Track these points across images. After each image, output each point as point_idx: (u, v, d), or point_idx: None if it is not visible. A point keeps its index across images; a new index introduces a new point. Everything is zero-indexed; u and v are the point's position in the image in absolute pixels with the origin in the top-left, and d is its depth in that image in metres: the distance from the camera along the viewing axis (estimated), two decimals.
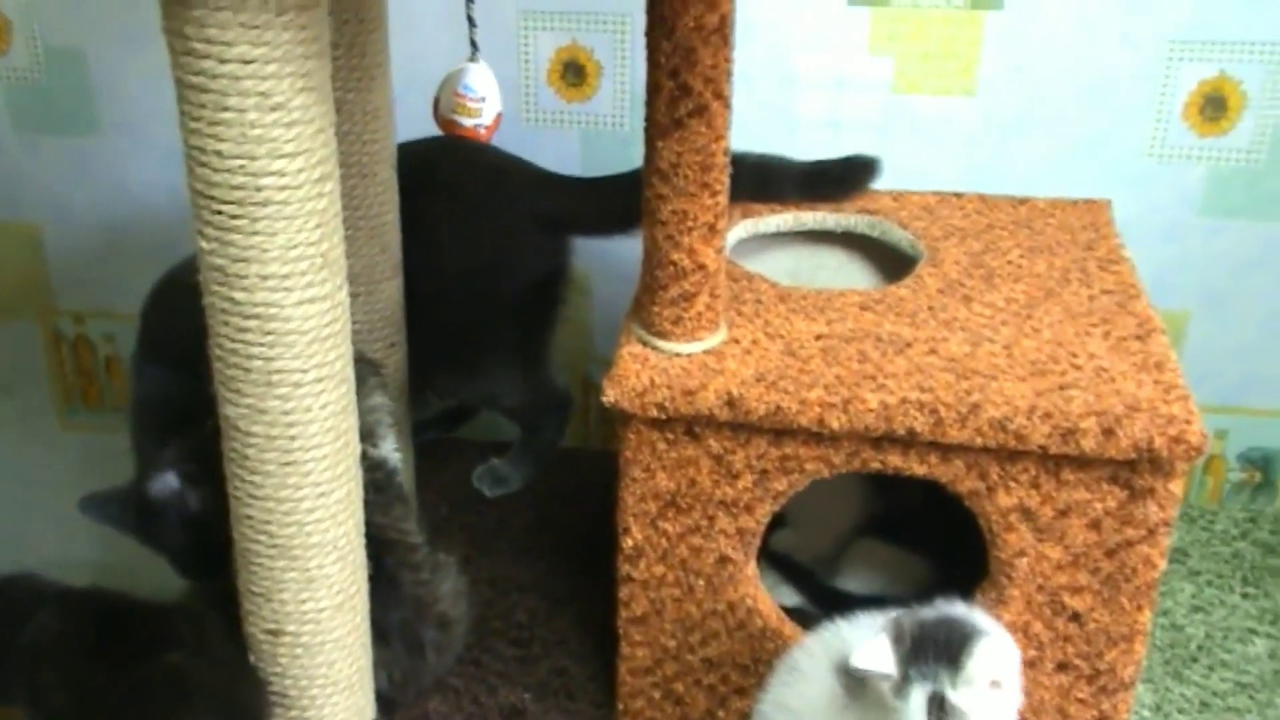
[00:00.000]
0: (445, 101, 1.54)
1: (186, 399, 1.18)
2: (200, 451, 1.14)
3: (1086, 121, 1.68)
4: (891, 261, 1.43)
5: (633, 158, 1.75)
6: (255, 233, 0.94)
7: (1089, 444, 1.07)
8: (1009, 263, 1.34)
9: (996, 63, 1.67)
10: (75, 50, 1.81)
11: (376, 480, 1.16)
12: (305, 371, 1.00)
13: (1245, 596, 1.55)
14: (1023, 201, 1.48)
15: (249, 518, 1.04)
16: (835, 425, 1.11)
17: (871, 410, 1.10)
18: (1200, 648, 1.46)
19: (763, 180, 1.45)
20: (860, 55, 1.71)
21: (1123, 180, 1.69)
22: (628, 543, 1.21)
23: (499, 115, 1.57)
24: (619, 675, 1.28)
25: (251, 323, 0.97)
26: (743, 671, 1.25)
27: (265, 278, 0.95)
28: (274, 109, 0.91)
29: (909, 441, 1.12)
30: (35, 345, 2.04)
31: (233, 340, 0.98)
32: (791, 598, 1.33)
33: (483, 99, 1.52)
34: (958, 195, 1.50)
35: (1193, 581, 1.57)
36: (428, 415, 1.63)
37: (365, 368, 1.20)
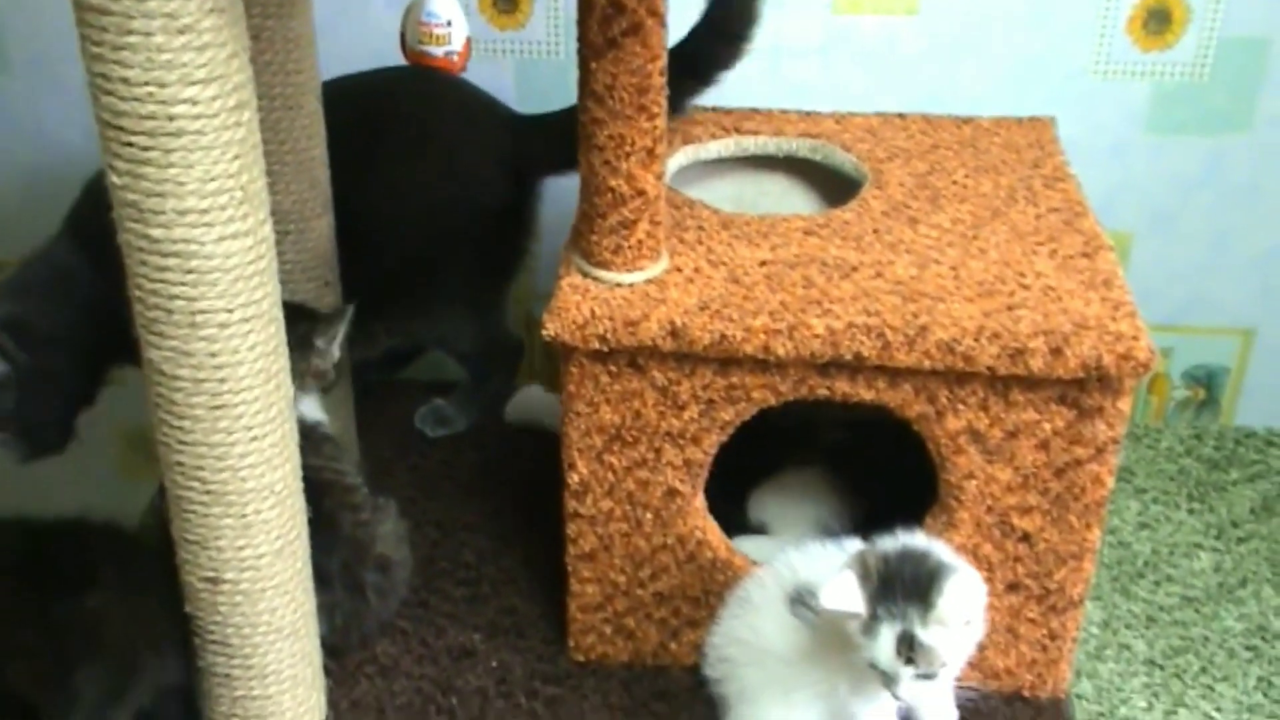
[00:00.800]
0: (411, 34, 1.48)
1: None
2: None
3: (1030, 39, 1.66)
4: (835, 186, 1.40)
5: (571, 87, 1.72)
6: (170, 165, 0.90)
7: (1037, 364, 1.06)
8: (954, 183, 1.32)
9: None
10: None
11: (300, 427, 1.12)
12: (231, 311, 0.96)
13: (1191, 512, 1.56)
14: (967, 121, 1.45)
15: (179, 464, 1.01)
16: (781, 352, 1.09)
17: (817, 336, 1.08)
18: (1147, 564, 1.47)
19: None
20: None
21: (1067, 98, 1.67)
22: (573, 478, 1.19)
23: (469, 40, 1.52)
24: (569, 612, 1.27)
25: (171, 261, 0.93)
26: (694, 604, 1.24)
27: (183, 213, 0.91)
28: (182, 31, 0.86)
29: (856, 367, 1.10)
30: None
31: (152, 280, 0.94)
32: None
33: (448, 23, 1.47)
34: (901, 116, 1.47)
35: (1139, 499, 1.58)
36: (373, 354, 1.60)
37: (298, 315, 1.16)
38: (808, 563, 1.06)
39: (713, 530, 1.22)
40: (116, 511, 1.20)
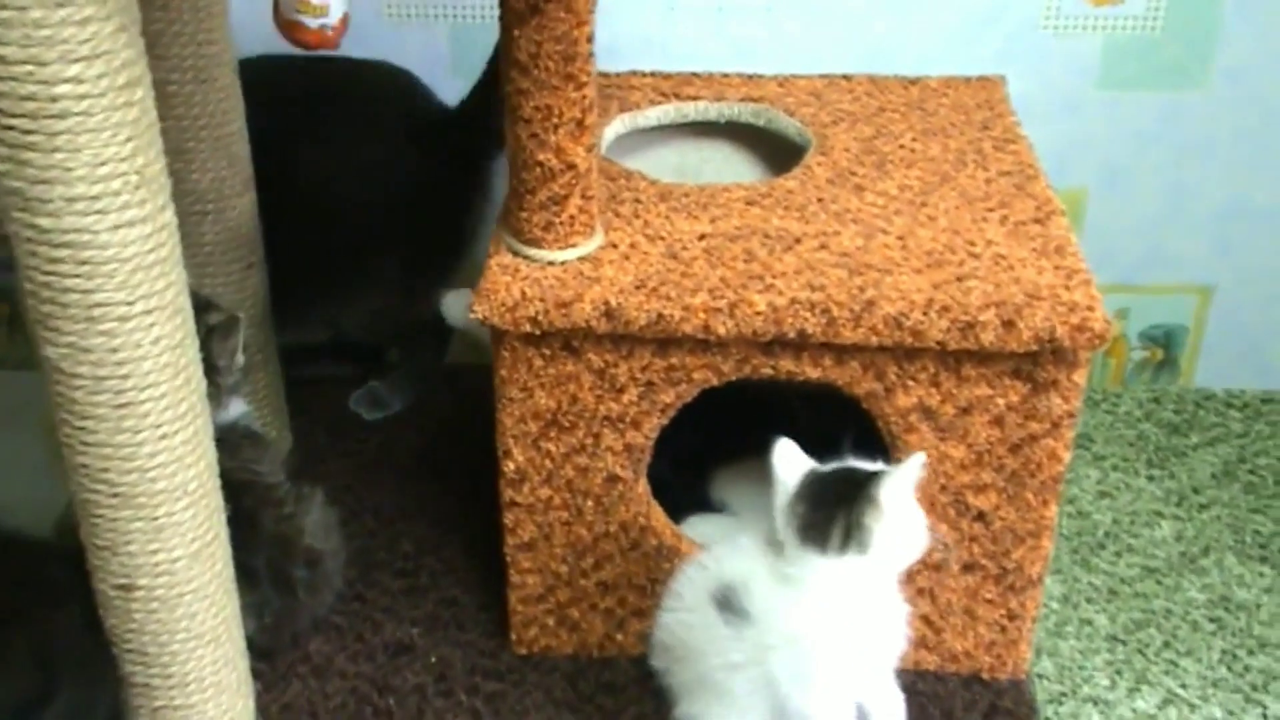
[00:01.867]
0: (285, 1, 1.41)
1: None
2: None
3: None
4: (780, 152, 1.35)
5: None
6: (55, 149, 0.83)
7: (989, 337, 1.02)
8: (901, 147, 1.27)
9: None
10: None
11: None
12: (131, 304, 0.89)
13: (1151, 479, 1.52)
14: (914, 81, 1.40)
15: (84, 466, 0.95)
16: (721, 331, 1.04)
17: (759, 313, 1.03)
18: (1107, 534, 1.43)
19: None
20: None
21: (1017, 54, 1.62)
22: (509, 466, 1.14)
23: (346, 15, 1.44)
24: (510, 604, 1.22)
25: (63, 252, 0.86)
26: (640, 593, 1.19)
27: (72, 200, 0.85)
28: (61, 4, 0.80)
29: (800, 344, 1.05)
30: None
31: (44, 272, 0.87)
32: None
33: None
34: (846, 78, 1.42)
35: (1098, 467, 1.54)
36: (309, 341, 1.54)
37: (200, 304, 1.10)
38: (735, 560, 1.00)
39: (657, 516, 1.17)
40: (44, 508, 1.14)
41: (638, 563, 1.18)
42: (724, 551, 1.02)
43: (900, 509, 0.93)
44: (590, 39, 1.02)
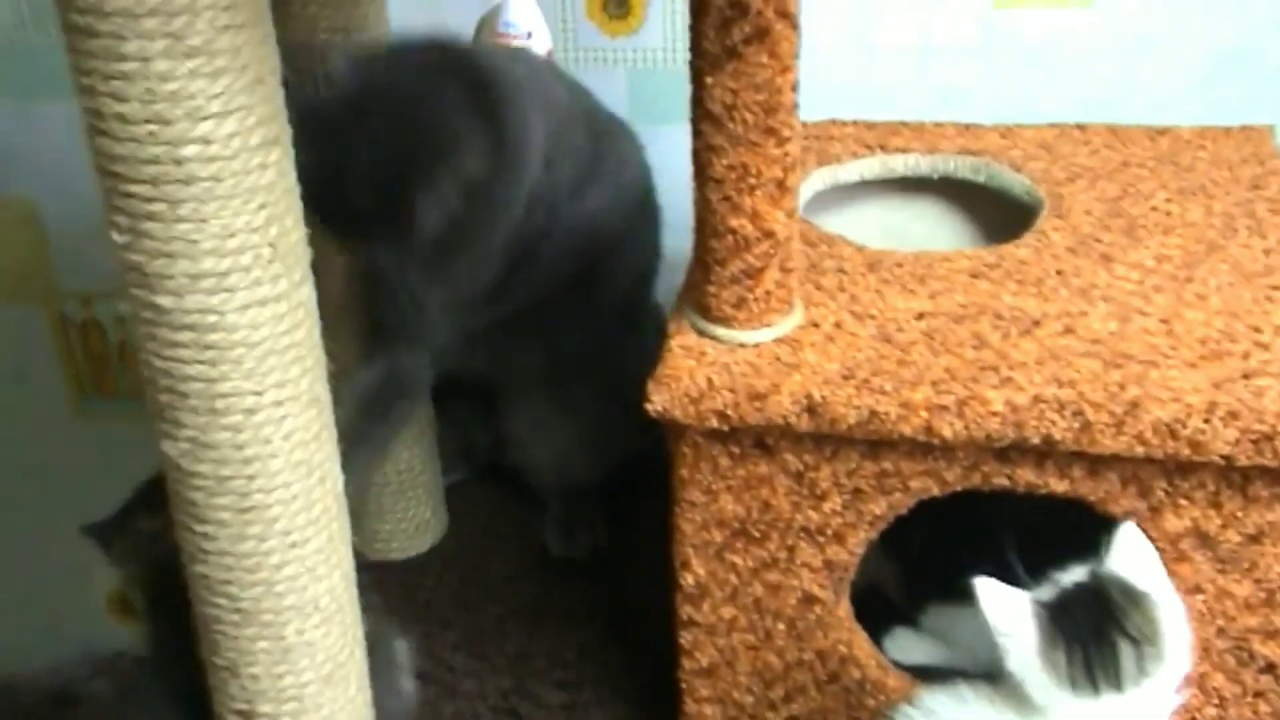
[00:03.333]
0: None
1: None
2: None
3: (1228, 31, 1.40)
4: (1003, 214, 1.17)
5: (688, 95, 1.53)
6: (179, 219, 0.72)
7: None
8: (1154, 209, 1.08)
9: None
10: None
11: None
12: (260, 394, 0.77)
13: None
14: (1163, 131, 1.21)
15: (204, 576, 0.83)
16: (948, 434, 0.86)
17: (995, 414, 0.85)
18: None
19: None
20: None
21: (1275, 102, 1.41)
22: (687, 580, 0.98)
23: (550, 52, 1.34)
24: None
25: (185, 335, 0.75)
26: None
27: (196, 277, 0.73)
28: (189, 55, 0.68)
29: (1045, 452, 0.87)
30: (40, 332, 1.85)
31: (163, 358, 0.76)
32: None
33: (528, 35, 1.29)
34: (1080, 127, 1.23)
35: None
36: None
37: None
38: (963, 713, 0.82)
39: (861, 644, 1.00)
40: None
41: (836, 697, 1.01)
42: (947, 700, 0.84)
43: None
44: (795, 87, 0.87)
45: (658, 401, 0.90)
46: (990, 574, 0.78)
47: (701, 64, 0.86)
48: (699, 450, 0.93)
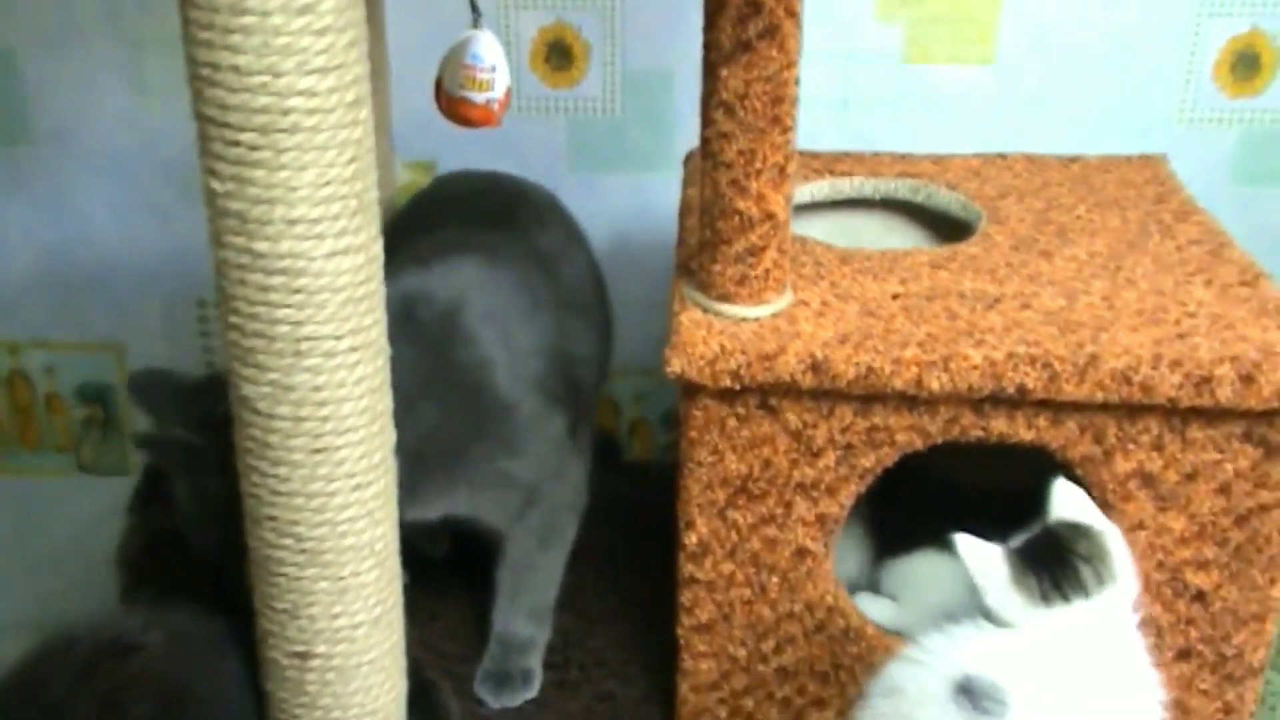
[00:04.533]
0: (450, 77, 1.38)
1: None
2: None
3: (1112, 86, 1.59)
4: (936, 228, 1.31)
5: (624, 146, 1.64)
6: (281, 167, 0.79)
7: (1225, 393, 0.96)
8: (1078, 218, 1.23)
9: (1017, 26, 1.57)
10: (3, 51, 1.63)
11: None
12: (339, 339, 0.84)
13: None
14: (1073, 160, 1.37)
15: (271, 519, 0.88)
16: (935, 386, 0.98)
17: (975, 367, 0.98)
18: None
19: None
20: (866, 23, 1.60)
21: (1149, 147, 1.59)
22: (691, 538, 1.07)
23: (510, 90, 1.42)
24: (679, 693, 1.13)
25: (276, 279, 0.81)
26: (821, 680, 1.11)
27: (293, 223, 0.80)
28: (302, 12, 0.76)
29: (1017, 402, 0.99)
30: None
31: (253, 302, 0.82)
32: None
33: (493, 68, 1.37)
34: (1003, 156, 1.38)
35: None
36: None
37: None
38: (974, 647, 0.92)
39: (844, 596, 1.09)
40: None
41: (822, 646, 1.10)
42: (958, 636, 0.93)
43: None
44: (796, 82, 0.99)
45: (676, 365, 1.00)
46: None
47: (716, 57, 0.97)
48: (709, 413, 1.02)
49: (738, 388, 1.00)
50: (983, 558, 0.90)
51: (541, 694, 1.20)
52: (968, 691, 0.88)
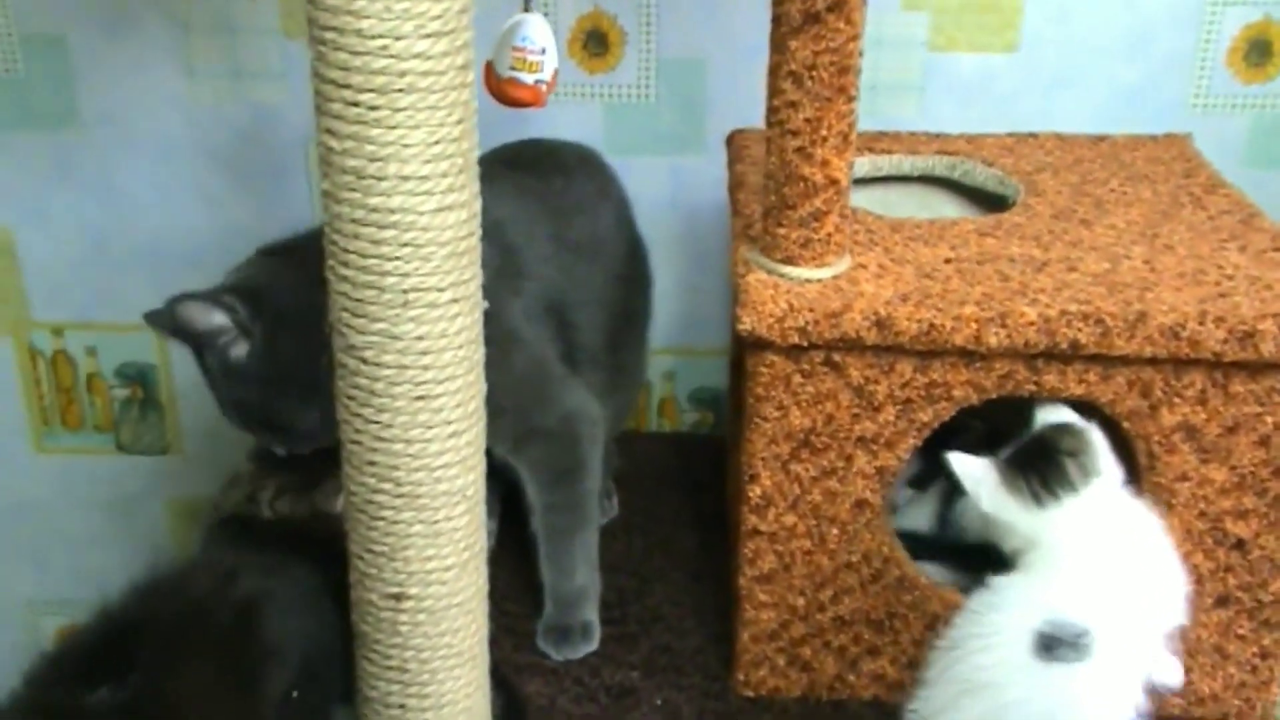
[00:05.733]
0: (501, 60, 1.43)
1: None
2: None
3: (1129, 74, 1.65)
4: (974, 203, 1.37)
5: (658, 131, 1.69)
6: (396, 125, 0.83)
7: (1269, 347, 1.01)
8: (1112, 191, 1.28)
9: (1040, 15, 1.63)
10: (55, 37, 1.67)
11: None
12: (442, 290, 0.89)
13: None
14: (1101, 138, 1.43)
15: (373, 465, 0.93)
16: (993, 341, 1.03)
17: (1031, 323, 1.03)
18: None
19: None
20: (894, 12, 1.65)
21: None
22: (755, 491, 1.12)
23: (557, 72, 1.47)
24: (739, 642, 1.18)
25: (388, 233, 0.86)
26: (876, 629, 1.16)
27: (406, 179, 0.85)
28: None
29: (1069, 356, 1.05)
30: (8, 361, 1.86)
31: (365, 256, 0.87)
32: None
33: (542, 50, 1.42)
34: (1033, 135, 1.44)
35: None
36: None
37: None
38: (1053, 593, 0.94)
39: (898, 546, 1.14)
40: None
41: (877, 596, 1.15)
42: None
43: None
44: (860, 53, 1.05)
45: (747, 323, 1.05)
46: None
47: (785, 30, 1.02)
48: (775, 369, 1.07)
49: (805, 344, 1.05)
50: (974, 468, 0.99)
51: (602, 646, 1.25)
52: (1052, 640, 0.91)
